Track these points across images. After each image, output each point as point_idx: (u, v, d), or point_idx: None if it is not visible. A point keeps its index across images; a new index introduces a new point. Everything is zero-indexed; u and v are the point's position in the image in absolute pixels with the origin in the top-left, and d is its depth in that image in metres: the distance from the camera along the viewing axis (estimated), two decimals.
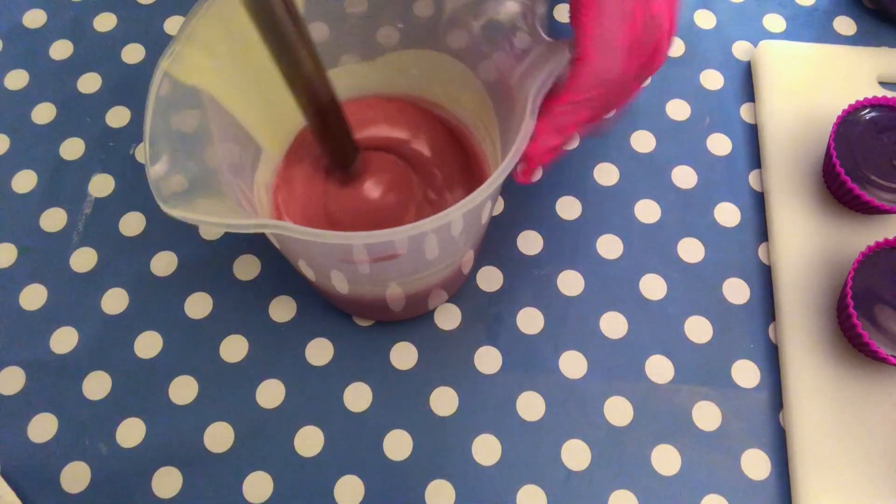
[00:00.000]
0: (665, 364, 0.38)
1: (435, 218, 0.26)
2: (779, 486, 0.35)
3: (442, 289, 0.36)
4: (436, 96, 0.38)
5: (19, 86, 0.45)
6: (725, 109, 0.44)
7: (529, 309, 0.39)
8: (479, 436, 0.36)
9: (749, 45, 0.46)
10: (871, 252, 0.36)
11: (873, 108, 0.39)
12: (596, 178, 0.42)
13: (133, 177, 0.42)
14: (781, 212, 0.40)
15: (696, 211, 0.41)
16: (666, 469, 0.36)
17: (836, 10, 0.47)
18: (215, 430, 0.36)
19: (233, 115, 0.32)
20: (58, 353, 0.38)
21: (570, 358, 0.38)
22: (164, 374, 0.37)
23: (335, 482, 0.35)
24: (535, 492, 0.35)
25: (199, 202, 0.27)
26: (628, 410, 0.37)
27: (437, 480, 0.35)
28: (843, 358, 0.37)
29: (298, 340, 0.38)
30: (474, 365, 0.38)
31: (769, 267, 0.40)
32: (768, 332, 0.38)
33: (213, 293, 0.39)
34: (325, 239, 0.26)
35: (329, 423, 0.36)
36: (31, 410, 0.37)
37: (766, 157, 0.42)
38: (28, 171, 0.43)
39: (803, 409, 0.36)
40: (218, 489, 0.35)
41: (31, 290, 0.39)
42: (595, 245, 0.41)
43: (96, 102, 0.45)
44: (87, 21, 0.47)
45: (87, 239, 0.41)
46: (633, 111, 0.44)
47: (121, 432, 0.36)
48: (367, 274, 0.31)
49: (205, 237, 0.41)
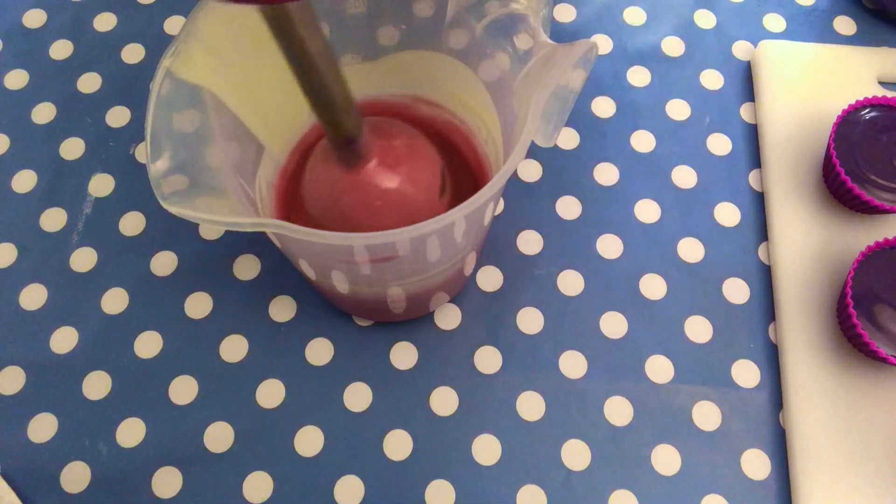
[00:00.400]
0: (665, 364, 0.38)
1: (437, 219, 0.26)
2: (779, 486, 0.35)
3: (443, 290, 0.36)
4: (437, 97, 0.38)
5: (19, 86, 0.45)
6: (725, 109, 0.44)
7: (529, 309, 0.39)
8: (479, 436, 0.36)
9: (749, 45, 0.46)
10: (871, 252, 0.36)
11: (873, 108, 0.39)
12: (596, 178, 0.42)
13: (133, 177, 0.42)
14: (781, 212, 0.40)
15: (696, 211, 0.41)
16: (666, 469, 0.36)
17: (836, 10, 0.47)
18: (215, 430, 0.36)
19: (235, 113, 0.32)
20: (58, 353, 0.38)
21: (570, 358, 0.38)
22: (164, 374, 0.37)
23: (335, 482, 0.35)
24: (535, 492, 0.35)
25: (200, 200, 0.27)
26: (628, 410, 0.37)
27: (437, 480, 0.35)
28: (843, 358, 0.37)
29: (298, 340, 0.38)
30: (474, 365, 0.38)
31: (769, 267, 0.40)
32: (768, 332, 0.38)
33: (213, 293, 0.39)
34: (325, 239, 0.26)
35: (329, 423, 0.36)
36: (31, 410, 0.37)
37: (766, 157, 0.42)
38: (28, 171, 0.43)
39: (803, 409, 0.36)
40: (218, 489, 0.35)
41: (31, 290, 0.39)
42: (595, 245, 0.41)
43: (96, 102, 0.45)
44: (87, 21, 0.47)
45: (87, 239, 0.41)
46: (634, 111, 0.44)
47: (121, 432, 0.36)
48: (367, 274, 0.31)
49: (205, 237, 0.41)
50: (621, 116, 0.44)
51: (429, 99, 0.38)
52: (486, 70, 0.33)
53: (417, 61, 0.36)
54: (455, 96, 0.37)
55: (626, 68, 0.46)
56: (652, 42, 0.47)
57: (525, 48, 0.30)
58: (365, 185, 0.33)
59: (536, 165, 0.43)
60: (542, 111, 0.27)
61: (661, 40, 0.47)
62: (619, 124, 0.44)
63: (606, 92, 0.45)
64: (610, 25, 0.47)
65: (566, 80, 0.27)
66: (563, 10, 0.48)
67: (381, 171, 0.33)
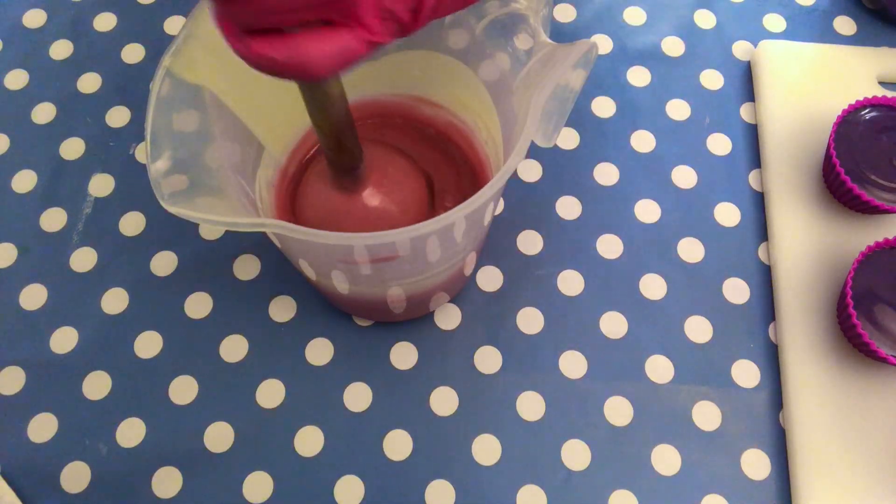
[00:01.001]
0: (665, 364, 0.38)
1: (437, 220, 0.26)
2: (779, 486, 0.35)
3: (443, 290, 0.36)
4: (437, 97, 0.38)
5: (19, 86, 0.45)
6: (725, 109, 0.44)
7: (529, 309, 0.39)
8: (479, 436, 0.36)
9: (749, 45, 0.46)
10: (871, 252, 0.36)
11: (873, 108, 0.39)
12: (596, 178, 0.42)
13: (133, 177, 0.42)
14: (781, 212, 0.40)
15: (696, 211, 0.41)
16: (666, 469, 0.36)
17: (836, 10, 0.47)
18: (215, 430, 0.36)
19: (235, 113, 0.32)
20: (58, 353, 0.38)
21: (570, 358, 0.38)
22: (164, 374, 0.37)
23: (335, 482, 0.35)
24: (535, 492, 0.35)
25: (200, 200, 0.27)
26: (628, 410, 0.37)
27: (437, 480, 0.35)
28: (843, 358, 0.37)
29: (298, 340, 0.38)
30: (474, 365, 0.38)
31: (769, 267, 0.40)
32: (768, 332, 0.38)
33: (213, 293, 0.39)
34: (325, 239, 0.26)
35: (329, 423, 0.36)
36: (31, 410, 0.37)
37: (766, 157, 0.42)
38: (28, 171, 0.43)
39: (803, 409, 0.36)
40: (218, 489, 0.35)
41: (31, 290, 0.39)
42: (595, 245, 0.41)
43: (96, 102, 0.45)
44: (87, 21, 0.47)
45: (87, 239, 0.41)
46: (633, 111, 0.44)
47: (121, 432, 0.36)
48: (367, 275, 0.31)
49: (205, 237, 0.41)
50: (621, 116, 0.44)
51: (429, 99, 0.38)
52: (486, 70, 0.33)
53: (418, 61, 0.36)
54: (455, 96, 0.37)
55: (626, 68, 0.46)
56: (652, 42, 0.47)
57: (525, 48, 0.30)
58: (363, 208, 0.34)
59: (536, 165, 0.43)
60: (542, 111, 0.27)
61: (661, 40, 0.47)
62: (619, 124, 0.44)
63: (606, 92, 0.45)
64: (610, 25, 0.47)
65: (566, 80, 0.27)
66: (563, 10, 0.48)
67: (377, 195, 0.34)
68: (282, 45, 0.22)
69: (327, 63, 0.23)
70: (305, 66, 0.22)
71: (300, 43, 0.22)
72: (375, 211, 0.34)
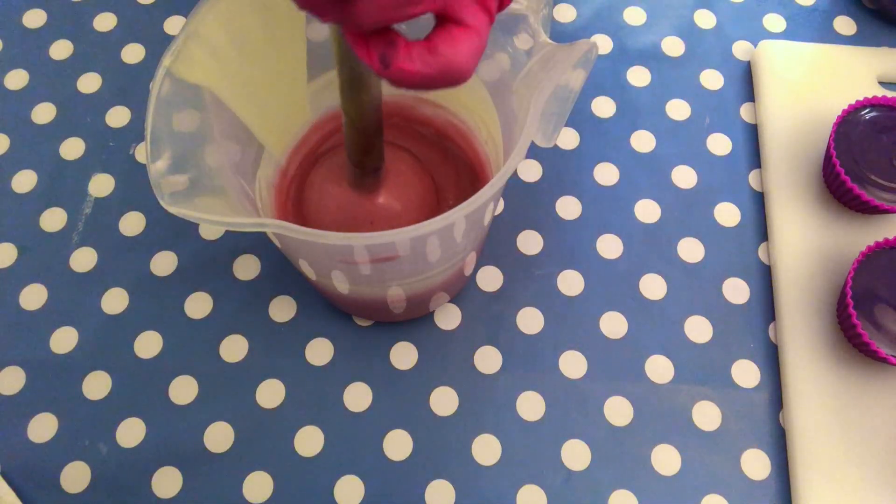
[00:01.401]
0: (665, 364, 0.38)
1: (437, 219, 0.26)
2: (779, 486, 0.35)
3: (443, 290, 0.36)
4: (438, 97, 0.38)
5: (19, 86, 0.45)
6: (725, 109, 0.44)
7: (529, 309, 0.39)
8: (479, 436, 0.36)
9: (749, 45, 0.46)
10: (871, 252, 0.36)
11: (873, 108, 0.39)
12: (596, 178, 0.42)
13: (133, 177, 0.42)
14: (781, 212, 0.40)
15: (696, 211, 0.41)
16: (666, 469, 0.36)
17: (836, 10, 0.47)
18: (215, 430, 0.36)
19: (235, 113, 0.32)
20: (58, 353, 0.38)
21: (570, 358, 0.38)
22: (164, 374, 0.37)
23: (335, 482, 0.35)
24: (535, 492, 0.35)
25: (200, 200, 0.27)
26: (628, 410, 0.37)
27: (437, 480, 0.35)
28: (843, 358, 0.37)
29: (298, 340, 0.38)
30: (474, 365, 0.38)
31: (769, 267, 0.40)
32: (768, 332, 0.38)
33: (213, 293, 0.39)
34: (325, 239, 0.26)
35: (329, 423, 0.36)
36: (31, 410, 0.37)
37: (766, 157, 0.42)
38: (28, 171, 0.43)
39: (803, 409, 0.36)
40: (218, 489, 0.35)
41: (31, 290, 0.39)
42: (595, 245, 0.41)
43: (96, 102, 0.45)
44: (87, 21, 0.47)
45: (87, 239, 0.41)
46: (634, 111, 0.44)
47: (121, 432, 0.36)
48: (368, 275, 0.31)
49: (205, 237, 0.41)
50: (621, 116, 0.44)
51: (429, 99, 0.38)
52: (486, 70, 0.33)
53: None
54: (455, 96, 0.37)
55: (626, 68, 0.46)
56: (652, 42, 0.47)
57: (525, 48, 0.30)
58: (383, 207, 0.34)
59: (536, 165, 0.43)
60: (542, 111, 0.27)
61: (661, 40, 0.47)
62: (619, 124, 0.44)
63: (606, 92, 0.45)
64: (610, 25, 0.47)
65: (566, 80, 0.27)
66: (563, 10, 0.48)
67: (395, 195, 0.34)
68: (428, 56, 0.21)
69: (473, 63, 0.22)
70: (457, 72, 0.21)
71: (442, 51, 0.21)
72: (394, 210, 0.34)
